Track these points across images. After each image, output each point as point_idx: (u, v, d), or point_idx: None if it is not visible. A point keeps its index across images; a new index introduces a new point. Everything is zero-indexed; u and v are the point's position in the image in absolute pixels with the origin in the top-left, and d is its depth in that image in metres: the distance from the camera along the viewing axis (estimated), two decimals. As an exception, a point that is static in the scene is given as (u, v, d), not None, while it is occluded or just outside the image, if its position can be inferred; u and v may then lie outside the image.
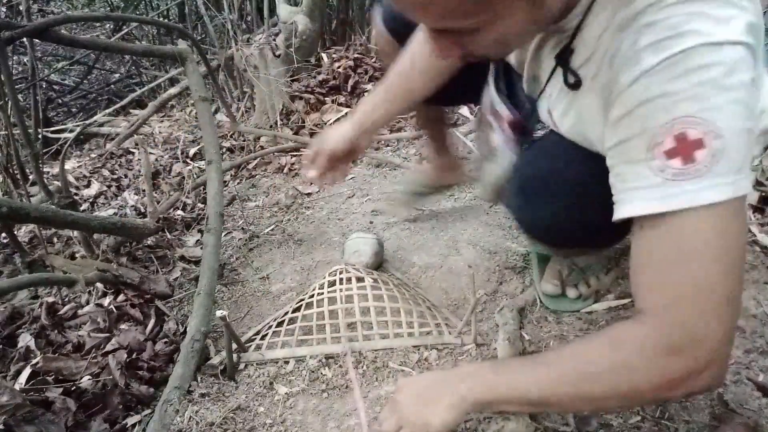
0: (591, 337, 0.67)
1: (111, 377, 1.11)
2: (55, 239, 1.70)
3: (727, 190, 0.56)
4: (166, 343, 1.24)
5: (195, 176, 2.07)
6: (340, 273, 1.29)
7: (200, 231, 1.70)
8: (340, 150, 1.13)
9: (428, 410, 0.72)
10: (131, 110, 3.02)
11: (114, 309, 1.32)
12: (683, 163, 0.56)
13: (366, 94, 2.41)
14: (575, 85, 0.71)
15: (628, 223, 0.64)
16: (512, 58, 0.89)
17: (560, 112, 0.78)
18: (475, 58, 0.69)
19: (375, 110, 1.12)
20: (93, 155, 2.50)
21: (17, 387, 1.07)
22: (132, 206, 1.91)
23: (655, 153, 0.58)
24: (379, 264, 1.39)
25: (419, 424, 0.72)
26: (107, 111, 2.94)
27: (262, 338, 1.20)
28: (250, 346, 1.19)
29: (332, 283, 1.27)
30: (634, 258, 0.64)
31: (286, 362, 1.14)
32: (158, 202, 1.81)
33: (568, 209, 0.80)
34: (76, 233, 1.58)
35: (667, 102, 0.56)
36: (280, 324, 1.23)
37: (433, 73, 1.06)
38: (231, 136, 2.37)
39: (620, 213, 0.63)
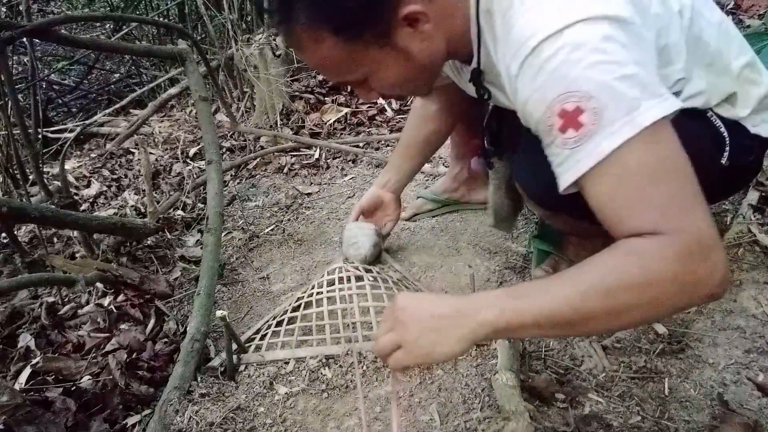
0: (604, 253, 0.67)
1: (111, 377, 1.11)
2: (55, 239, 1.71)
3: (623, 131, 0.63)
4: (166, 343, 1.24)
5: (195, 176, 2.07)
6: (339, 272, 1.28)
7: (200, 231, 1.70)
8: (366, 205, 1.39)
9: (436, 338, 0.70)
10: (131, 110, 3.02)
11: (114, 309, 1.32)
12: (576, 131, 0.65)
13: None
14: (485, 98, 0.94)
15: None
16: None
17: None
18: (395, 98, 0.92)
19: (392, 168, 1.38)
20: (93, 155, 2.50)
21: (17, 387, 1.07)
22: (132, 206, 1.91)
23: (553, 134, 0.68)
24: (377, 255, 1.38)
25: (421, 350, 0.71)
26: (107, 111, 2.94)
27: (262, 338, 1.20)
28: (250, 345, 1.19)
29: (331, 282, 1.26)
30: (599, 211, 0.68)
31: (286, 362, 1.14)
32: (158, 202, 1.81)
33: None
34: (76, 233, 1.58)
35: (538, 95, 0.68)
36: (279, 323, 1.23)
37: (450, 104, 1.26)
38: (231, 136, 2.37)
39: (561, 188, 0.71)
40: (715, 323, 1.09)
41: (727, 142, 0.88)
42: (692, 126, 0.72)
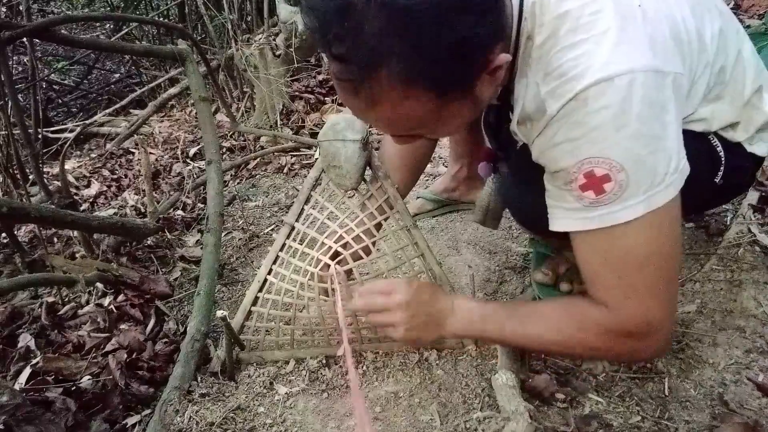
0: (563, 307, 0.82)
1: (111, 377, 1.11)
2: (55, 239, 1.70)
3: (638, 209, 0.67)
4: (166, 343, 1.24)
5: (195, 176, 2.07)
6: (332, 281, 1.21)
7: (200, 231, 1.70)
8: None
9: (423, 330, 0.91)
10: (131, 110, 3.02)
11: (114, 309, 1.32)
12: (596, 195, 0.67)
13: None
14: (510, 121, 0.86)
15: None
16: None
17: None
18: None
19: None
20: (93, 155, 2.50)
21: (17, 387, 1.07)
22: (132, 206, 1.91)
23: (572, 186, 0.69)
24: (364, 170, 1.06)
25: (411, 336, 0.91)
26: (107, 111, 2.95)
27: (257, 332, 1.20)
28: (250, 343, 1.18)
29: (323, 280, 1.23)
30: (578, 261, 0.77)
31: (286, 362, 1.14)
32: (158, 202, 1.82)
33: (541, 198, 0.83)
34: (76, 233, 1.58)
35: (571, 146, 0.67)
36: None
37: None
38: (231, 136, 2.37)
39: (552, 226, 0.75)
40: (715, 323, 1.09)
41: (723, 163, 0.87)
42: (691, 147, 0.72)
